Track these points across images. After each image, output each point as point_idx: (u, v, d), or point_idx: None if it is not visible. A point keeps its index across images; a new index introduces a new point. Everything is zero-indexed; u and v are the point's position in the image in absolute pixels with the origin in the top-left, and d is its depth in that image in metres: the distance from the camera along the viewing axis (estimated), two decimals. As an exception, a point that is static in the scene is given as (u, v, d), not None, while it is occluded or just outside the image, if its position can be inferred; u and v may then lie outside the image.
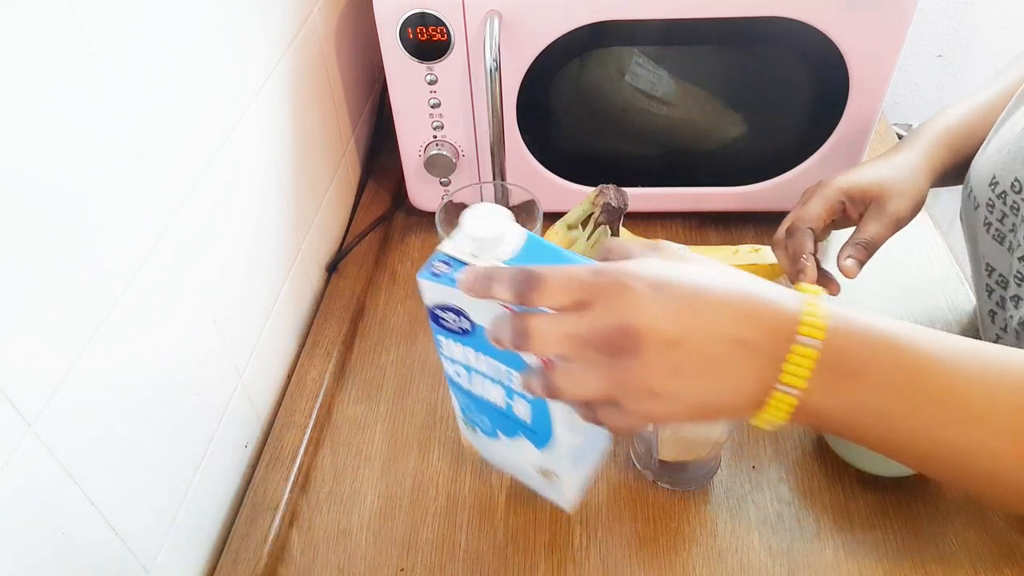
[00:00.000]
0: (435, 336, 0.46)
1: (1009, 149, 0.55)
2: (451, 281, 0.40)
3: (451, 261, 0.42)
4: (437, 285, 0.41)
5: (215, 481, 0.58)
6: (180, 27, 0.50)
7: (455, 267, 0.41)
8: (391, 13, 0.69)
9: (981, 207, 0.57)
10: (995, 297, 0.58)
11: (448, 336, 0.45)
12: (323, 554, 0.58)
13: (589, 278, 0.36)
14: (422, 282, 0.42)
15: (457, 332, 0.44)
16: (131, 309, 0.46)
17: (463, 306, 0.42)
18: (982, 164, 0.58)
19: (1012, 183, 0.54)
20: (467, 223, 0.42)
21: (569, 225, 0.67)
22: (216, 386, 0.58)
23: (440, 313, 0.44)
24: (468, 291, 0.38)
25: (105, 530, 0.44)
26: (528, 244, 0.42)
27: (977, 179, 0.58)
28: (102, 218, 0.43)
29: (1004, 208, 0.55)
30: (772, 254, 0.69)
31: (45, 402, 0.39)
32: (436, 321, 0.45)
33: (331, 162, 0.80)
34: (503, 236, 0.42)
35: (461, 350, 0.45)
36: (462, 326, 0.43)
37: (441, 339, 0.46)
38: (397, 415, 0.67)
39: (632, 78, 0.74)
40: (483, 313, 0.41)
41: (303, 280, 0.74)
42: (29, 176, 0.37)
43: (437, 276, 0.41)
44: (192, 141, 0.53)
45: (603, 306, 0.36)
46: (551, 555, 0.57)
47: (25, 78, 0.37)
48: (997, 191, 0.55)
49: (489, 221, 0.42)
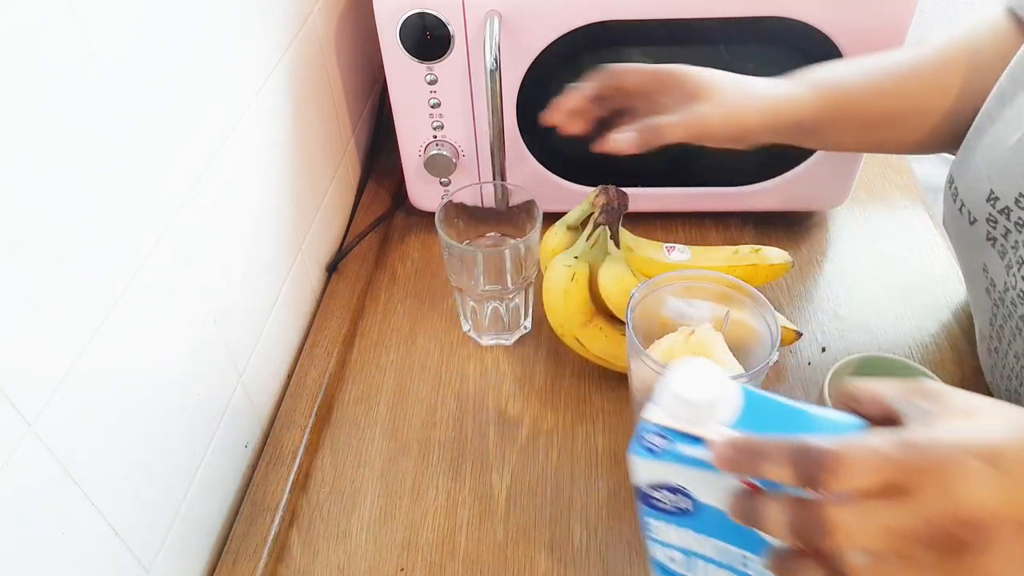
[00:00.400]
0: (643, 518, 0.41)
1: (1007, 164, 0.52)
2: (675, 458, 0.36)
3: (667, 433, 0.37)
4: (655, 463, 0.37)
5: (215, 481, 0.58)
6: (180, 27, 0.50)
7: (673, 439, 0.37)
8: (391, 13, 0.69)
9: (980, 222, 0.54)
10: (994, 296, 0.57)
11: (662, 518, 0.40)
12: (323, 554, 0.58)
13: (900, 455, 0.30)
14: (636, 460, 0.37)
15: (674, 513, 0.39)
16: (131, 309, 0.46)
17: (686, 484, 0.37)
18: (972, 178, 0.55)
19: (1017, 198, 0.51)
20: (676, 385, 0.37)
21: (569, 226, 0.67)
22: (216, 386, 0.58)
23: (653, 493, 0.39)
24: (730, 470, 0.33)
25: (105, 530, 0.44)
26: (748, 401, 0.37)
27: (970, 194, 0.55)
28: (102, 218, 0.43)
29: (1008, 224, 0.52)
30: (773, 254, 0.69)
31: (45, 402, 0.39)
32: (647, 502, 0.39)
33: (331, 162, 0.80)
34: (722, 397, 0.37)
35: (678, 533, 0.40)
36: (681, 506, 0.38)
37: (651, 522, 0.40)
38: (397, 415, 0.67)
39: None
40: (710, 491, 0.37)
41: (303, 280, 0.74)
42: (29, 176, 0.37)
43: (655, 452, 0.37)
44: (192, 141, 0.53)
45: (927, 490, 0.30)
46: (551, 555, 0.57)
47: (25, 78, 0.37)
48: (999, 207, 0.52)
49: (702, 380, 0.37)
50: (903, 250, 0.79)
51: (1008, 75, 0.55)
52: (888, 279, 0.77)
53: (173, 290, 0.51)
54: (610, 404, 0.66)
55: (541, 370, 0.70)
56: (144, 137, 0.47)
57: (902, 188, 0.87)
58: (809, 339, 0.71)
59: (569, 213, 0.68)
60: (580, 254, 0.65)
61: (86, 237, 0.42)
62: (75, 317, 0.41)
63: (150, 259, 0.48)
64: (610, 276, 0.65)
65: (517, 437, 0.65)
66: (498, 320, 0.70)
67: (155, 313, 0.49)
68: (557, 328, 0.67)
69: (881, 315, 0.73)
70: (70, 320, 0.41)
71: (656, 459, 0.36)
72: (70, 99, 0.40)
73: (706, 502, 0.37)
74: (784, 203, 0.81)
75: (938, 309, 0.74)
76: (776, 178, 0.78)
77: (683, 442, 0.36)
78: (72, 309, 0.41)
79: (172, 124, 0.50)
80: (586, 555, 0.57)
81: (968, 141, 0.57)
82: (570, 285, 0.64)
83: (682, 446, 0.36)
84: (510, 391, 0.68)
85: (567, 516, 0.59)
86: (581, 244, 0.65)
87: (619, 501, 0.60)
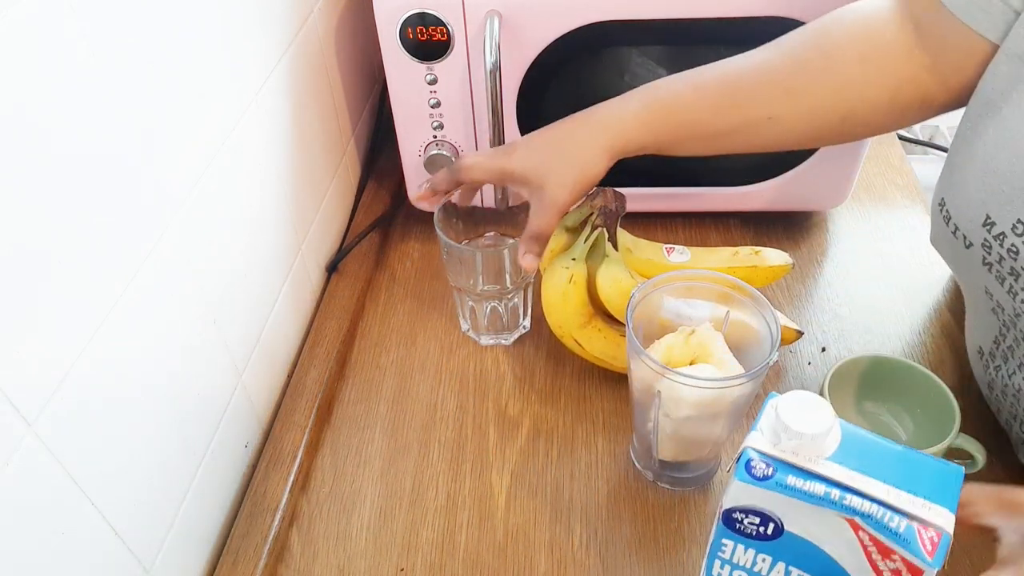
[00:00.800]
0: (717, 538, 0.42)
1: (1001, 188, 0.49)
2: (781, 488, 0.38)
3: (772, 462, 0.39)
4: (759, 490, 0.38)
5: (215, 481, 0.58)
6: (180, 27, 0.50)
7: (779, 469, 0.38)
8: (391, 13, 0.69)
9: (976, 247, 0.52)
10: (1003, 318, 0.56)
11: (740, 540, 0.41)
12: (323, 554, 0.58)
13: None
14: (740, 485, 0.39)
15: (754, 537, 0.41)
16: (131, 309, 0.46)
17: (779, 512, 0.39)
18: (965, 203, 0.52)
19: (1014, 225, 0.49)
20: (787, 417, 0.38)
21: (567, 228, 0.67)
22: (216, 386, 0.58)
23: (739, 515, 0.40)
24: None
25: (105, 530, 0.44)
26: (844, 434, 0.39)
27: (964, 218, 0.52)
28: (102, 218, 0.43)
29: (1001, 251, 0.50)
30: (772, 256, 0.69)
31: (45, 402, 0.39)
32: (730, 523, 0.41)
33: (331, 162, 0.80)
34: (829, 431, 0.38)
35: (753, 556, 0.42)
36: (765, 531, 0.40)
37: (727, 542, 0.42)
38: (397, 415, 0.67)
39: (632, 78, 0.74)
40: (802, 520, 0.38)
41: (303, 280, 0.74)
42: (29, 176, 0.37)
43: (761, 479, 0.38)
44: (192, 141, 0.53)
45: None
46: (551, 555, 0.57)
47: (25, 78, 0.37)
48: (994, 232, 0.50)
49: (812, 413, 0.38)
50: (903, 250, 0.79)
51: (989, 82, 0.52)
52: (888, 279, 0.77)
53: (173, 290, 0.51)
54: (610, 404, 0.67)
55: (541, 370, 0.70)
56: (144, 137, 0.47)
57: (902, 188, 0.87)
58: (809, 339, 0.71)
59: (568, 215, 0.68)
60: (578, 256, 0.65)
61: (86, 237, 0.42)
62: (75, 317, 0.41)
63: (150, 259, 0.48)
64: (608, 278, 0.65)
65: (517, 437, 0.65)
66: (497, 320, 0.70)
67: (155, 313, 0.49)
68: (556, 329, 0.67)
69: (881, 315, 0.73)
70: (70, 320, 0.41)
71: (762, 486, 0.38)
72: (70, 99, 0.40)
73: (793, 531, 0.39)
74: (784, 203, 0.81)
75: (938, 309, 0.74)
76: (776, 178, 0.78)
77: (792, 474, 0.38)
78: (72, 309, 0.41)
79: (172, 124, 0.50)
80: (586, 555, 0.57)
81: (953, 159, 0.55)
82: (568, 287, 0.64)
83: (792, 478, 0.38)
84: (510, 391, 0.68)
85: (567, 516, 0.59)
86: (579, 246, 0.65)
87: (619, 501, 0.60)
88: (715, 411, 0.54)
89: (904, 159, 0.91)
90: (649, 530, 0.58)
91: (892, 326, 0.72)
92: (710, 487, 0.60)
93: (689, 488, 0.60)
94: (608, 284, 0.64)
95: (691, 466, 0.60)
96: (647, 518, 0.59)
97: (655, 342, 0.57)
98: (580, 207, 0.66)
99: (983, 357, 0.59)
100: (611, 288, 0.64)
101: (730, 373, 0.54)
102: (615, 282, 0.64)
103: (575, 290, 0.65)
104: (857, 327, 0.72)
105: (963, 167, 0.53)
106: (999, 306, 0.54)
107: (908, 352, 0.70)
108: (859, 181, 0.81)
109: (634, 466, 0.62)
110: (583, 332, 0.66)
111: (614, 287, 0.64)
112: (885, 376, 0.61)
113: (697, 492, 0.60)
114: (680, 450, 0.58)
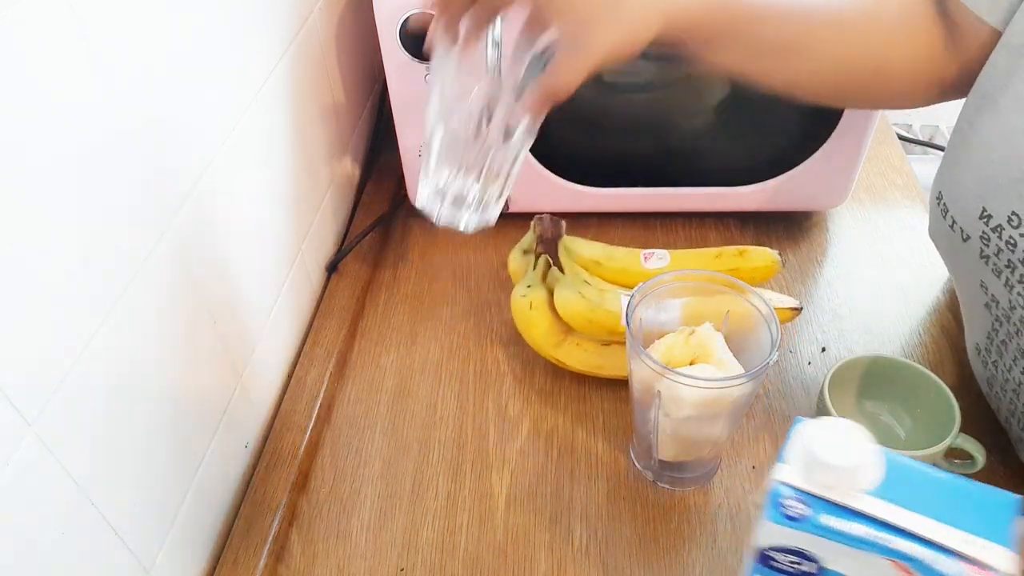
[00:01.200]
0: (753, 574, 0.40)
1: (997, 181, 0.49)
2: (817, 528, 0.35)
3: (805, 497, 0.35)
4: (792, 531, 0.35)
5: (215, 481, 0.58)
6: (180, 27, 0.50)
7: (815, 508, 0.35)
8: (391, 13, 0.69)
9: (973, 239, 0.52)
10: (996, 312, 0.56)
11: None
12: (323, 554, 0.58)
13: None
14: (772, 527, 0.36)
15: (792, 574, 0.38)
16: (131, 309, 0.46)
17: (817, 552, 0.36)
18: (962, 195, 0.52)
19: (1009, 217, 0.49)
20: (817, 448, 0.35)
21: (524, 250, 0.69)
22: (216, 386, 0.58)
23: (774, 554, 0.37)
24: None
25: (105, 530, 0.44)
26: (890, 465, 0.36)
27: (961, 212, 0.52)
28: (102, 217, 0.43)
29: (999, 244, 0.50)
30: (756, 256, 0.68)
31: (45, 402, 0.39)
32: (766, 562, 0.38)
33: (331, 162, 0.80)
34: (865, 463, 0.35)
35: None
36: (805, 570, 0.37)
37: None
38: (397, 415, 0.67)
39: (631, 78, 0.74)
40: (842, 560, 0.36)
41: (303, 280, 0.74)
42: (29, 176, 0.37)
43: (795, 520, 0.35)
44: (192, 141, 0.53)
45: None
46: (551, 555, 0.57)
47: (24, 78, 0.37)
48: (991, 224, 0.50)
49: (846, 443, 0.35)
50: (903, 250, 0.79)
51: (987, 74, 0.52)
52: (888, 279, 0.77)
53: (173, 290, 0.51)
54: (610, 404, 0.67)
55: (541, 370, 0.70)
56: (144, 137, 0.47)
57: (902, 188, 0.87)
58: (809, 339, 0.71)
59: (524, 237, 0.69)
60: (533, 283, 0.67)
61: (86, 237, 0.42)
62: (75, 317, 0.41)
63: (150, 259, 0.48)
64: (561, 302, 0.66)
65: (517, 437, 0.65)
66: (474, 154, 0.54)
67: (155, 313, 0.49)
68: (536, 351, 0.68)
69: (881, 315, 0.73)
70: (70, 320, 0.41)
71: (796, 528, 0.35)
72: (70, 99, 0.40)
73: (833, 568, 0.36)
74: (784, 203, 0.81)
75: (938, 309, 0.74)
76: (776, 178, 0.78)
77: (827, 512, 0.35)
78: (72, 309, 0.41)
79: (172, 124, 0.50)
80: (586, 555, 0.57)
81: (951, 152, 0.55)
82: (531, 314, 0.66)
83: (825, 517, 0.35)
84: (510, 391, 0.68)
85: (567, 516, 0.59)
86: (529, 273, 0.68)
87: (619, 501, 0.60)
88: (715, 411, 0.54)
89: (904, 159, 0.91)
90: (649, 530, 0.58)
91: (892, 326, 0.72)
92: (710, 487, 0.60)
93: (689, 488, 0.60)
94: (562, 307, 0.66)
95: (691, 466, 0.60)
96: (647, 518, 0.59)
97: (655, 342, 0.57)
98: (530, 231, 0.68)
99: (980, 354, 0.60)
100: (565, 311, 0.66)
101: (730, 373, 0.54)
102: (568, 305, 0.65)
103: (538, 315, 0.66)
104: (857, 327, 0.72)
105: (960, 160, 0.53)
106: (993, 300, 0.54)
107: (908, 352, 0.70)
108: (859, 181, 0.81)
109: (634, 466, 0.62)
110: (561, 350, 0.67)
111: (567, 309, 0.65)
112: (885, 376, 0.61)
113: (697, 492, 0.60)
114: (680, 450, 0.58)
